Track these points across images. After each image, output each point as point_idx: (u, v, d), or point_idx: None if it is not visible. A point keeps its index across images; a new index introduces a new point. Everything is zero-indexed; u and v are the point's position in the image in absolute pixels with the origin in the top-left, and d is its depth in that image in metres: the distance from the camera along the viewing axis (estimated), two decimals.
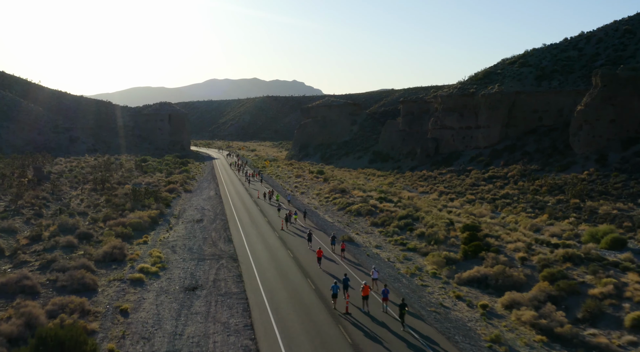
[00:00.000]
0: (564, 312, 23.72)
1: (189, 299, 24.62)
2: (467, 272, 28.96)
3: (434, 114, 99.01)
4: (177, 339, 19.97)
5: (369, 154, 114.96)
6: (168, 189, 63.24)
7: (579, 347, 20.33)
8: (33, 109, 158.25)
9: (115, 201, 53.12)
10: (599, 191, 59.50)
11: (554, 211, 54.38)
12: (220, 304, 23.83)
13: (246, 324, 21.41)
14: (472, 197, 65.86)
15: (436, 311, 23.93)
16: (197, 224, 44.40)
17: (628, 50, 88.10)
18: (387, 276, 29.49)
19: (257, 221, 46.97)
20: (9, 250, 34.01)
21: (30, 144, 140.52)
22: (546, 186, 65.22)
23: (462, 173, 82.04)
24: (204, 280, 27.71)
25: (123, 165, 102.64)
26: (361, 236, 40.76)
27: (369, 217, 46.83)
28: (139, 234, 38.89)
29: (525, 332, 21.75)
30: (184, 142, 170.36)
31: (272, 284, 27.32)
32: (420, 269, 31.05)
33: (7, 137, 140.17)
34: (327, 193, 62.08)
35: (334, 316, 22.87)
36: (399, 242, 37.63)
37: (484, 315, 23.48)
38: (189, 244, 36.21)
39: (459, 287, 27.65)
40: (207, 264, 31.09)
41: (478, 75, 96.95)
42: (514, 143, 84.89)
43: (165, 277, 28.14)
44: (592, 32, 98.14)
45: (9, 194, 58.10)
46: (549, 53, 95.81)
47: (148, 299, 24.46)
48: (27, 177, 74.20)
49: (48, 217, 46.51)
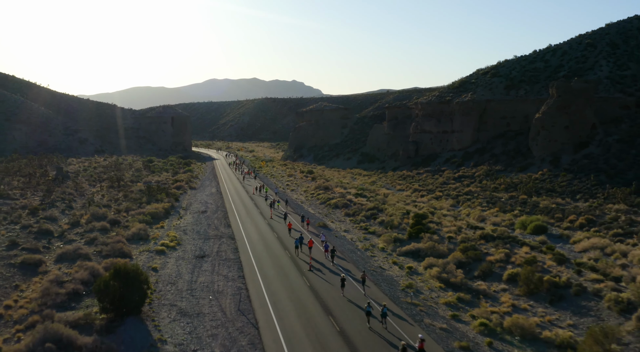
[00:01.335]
0: (466, 271, 33.49)
1: (199, 262, 34.42)
2: (406, 247, 38.77)
3: (415, 119, 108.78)
4: (193, 284, 29.75)
5: (358, 155, 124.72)
6: (175, 186, 73.00)
7: (465, 291, 30.07)
8: (44, 112, 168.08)
9: (133, 196, 62.94)
10: (547, 188, 69.23)
11: (504, 205, 64.10)
12: (222, 265, 33.64)
13: (240, 276, 31.26)
14: (440, 193, 75.58)
15: (374, 271, 33.74)
16: (202, 214, 54.18)
17: (588, 62, 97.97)
18: (347, 250, 39.29)
19: (250, 211, 56.79)
20: (57, 232, 43.75)
21: (42, 146, 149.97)
22: (504, 184, 75.01)
23: (437, 173, 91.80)
24: (210, 251, 37.51)
25: (132, 165, 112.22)
26: (335, 223, 50.57)
27: (344, 209, 56.64)
28: (156, 221, 48.68)
29: (432, 282, 31.54)
30: (185, 144, 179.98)
31: (259, 252, 37.40)
32: (373, 246, 40.87)
33: (20, 139, 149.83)
34: (313, 190, 71.87)
35: (293, 259, 35.18)
36: (363, 228, 47.44)
37: (407, 273, 33.28)
38: (197, 229, 46.02)
39: (397, 257, 37.43)
40: (211, 241, 40.90)
41: (454, 84, 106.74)
42: (484, 146, 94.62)
43: (181, 250, 37.94)
44: (558, 45, 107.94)
45: (40, 191, 67.96)
46: (518, 64, 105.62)
47: (170, 262, 34.24)
48: (50, 176, 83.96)
49: (79, 208, 56.18)
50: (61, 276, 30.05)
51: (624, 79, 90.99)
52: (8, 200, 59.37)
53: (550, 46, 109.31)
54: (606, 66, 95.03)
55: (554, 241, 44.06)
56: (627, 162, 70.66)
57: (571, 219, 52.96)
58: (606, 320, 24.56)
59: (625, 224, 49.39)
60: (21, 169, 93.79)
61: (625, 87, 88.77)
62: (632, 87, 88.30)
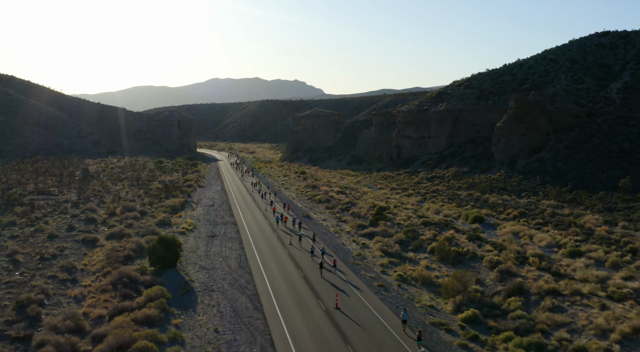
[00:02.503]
0: (403, 246, 46.44)
1: (211, 240, 47.53)
2: (365, 230, 51.83)
3: (398, 125, 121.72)
4: (207, 252, 42.84)
5: (348, 157, 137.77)
6: (187, 185, 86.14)
7: (397, 257, 43.02)
8: (59, 115, 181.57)
9: (152, 192, 76.10)
10: (500, 187, 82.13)
11: (461, 201, 77.00)
12: (227, 241, 46.77)
13: (240, 247, 44.45)
14: (412, 191, 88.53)
15: (337, 246, 46.83)
16: (210, 207, 67.31)
17: (549, 76, 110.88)
18: (321, 232, 52.36)
19: (249, 205, 69.98)
20: (100, 220, 56.83)
21: (59, 147, 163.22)
22: (466, 183, 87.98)
23: (414, 174, 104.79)
24: (218, 232, 50.64)
25: (144, 166, 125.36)
26: (316, 214, 63.69)
27: (325, 203, 69.74)
28: (175, 212, 61.80)
29: (376, 253, 44.59)
30: (191, 145, 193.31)
31: (254, 232, 50.81)
32: (342, 230, 53.98)
33: (38, 141, 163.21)
34: (303, 188, 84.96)
35: (275, 230, 49.12)
36: (337, 217, 60.53)
37: (360, 247, 46.36)
38: (207, 217, 59.17)
39: (357, 237, 50.52)
40: (219, 226, 54.05)
41: (432, 95, 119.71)
42: (456, 150, 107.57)
43: (197, 232, 51.06)
44: (524, 60, 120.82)
45: (72, 188, 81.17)
46: (489, 77, 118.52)
47: (190, 239, 47.36)
48: (77, 176, 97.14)
49: (110, 203, 69.26)
50: (116, 246, 43.14)
51: (578, 92, 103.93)
52: (51, 196, 72.58)
53: (518, 60, 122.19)
54: (564, 80, 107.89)
55: (486, 228, 56.82)
56: (570, 165, 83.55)
57: (508, 211, 65.67)
58: (480, 272, 37.53)
59: (548, 216, 62.22)
60: (49, 169, 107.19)
61: (579, 98, 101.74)
62: (585, 99, 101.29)
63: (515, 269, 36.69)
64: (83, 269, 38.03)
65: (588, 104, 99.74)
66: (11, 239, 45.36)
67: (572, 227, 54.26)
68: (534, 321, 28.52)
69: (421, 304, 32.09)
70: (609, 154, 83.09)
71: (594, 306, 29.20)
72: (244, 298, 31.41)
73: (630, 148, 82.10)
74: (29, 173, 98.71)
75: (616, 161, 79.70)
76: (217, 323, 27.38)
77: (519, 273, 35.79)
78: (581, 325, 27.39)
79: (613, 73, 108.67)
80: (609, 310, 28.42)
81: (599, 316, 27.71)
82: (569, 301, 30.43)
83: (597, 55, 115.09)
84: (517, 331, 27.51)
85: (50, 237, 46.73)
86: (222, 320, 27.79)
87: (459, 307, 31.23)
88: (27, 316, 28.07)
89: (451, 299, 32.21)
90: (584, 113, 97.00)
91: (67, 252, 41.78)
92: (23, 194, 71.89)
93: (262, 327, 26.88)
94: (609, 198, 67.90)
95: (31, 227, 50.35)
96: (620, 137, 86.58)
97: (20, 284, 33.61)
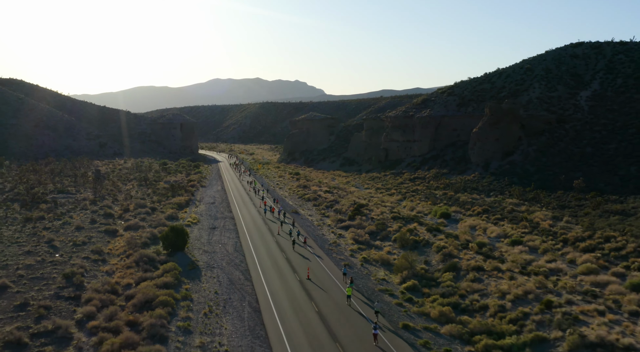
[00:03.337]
0: (373, 236, 55.48)
1: (213, 231, 56.68)
2: (343, 224, 60.95)
3: (386, 130, 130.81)
4: (209, 240, 52.02)
5: (341, 159, 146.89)
6: (190, 185, 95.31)
7: (365, 245, 52.08)
8: (67, 119, 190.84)
9: (160, 191, 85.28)
10: (472, 187, 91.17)
11: (436, 199, 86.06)
12: (226, 232, 55.95)
13: (236, 236, 53.68)
14: (394, 191, 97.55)
15: (317, 236, 55.97)
16: (212, 204, 76.45)
17: (525, 84, 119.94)
18: (305, 225, 61.42)
19: (246, 203, 79.19)
20: (116, 215, 65.95)
21: (68, 149, 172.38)
22: (444, 184, 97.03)
23: (398, 175, 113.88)
24: (218, 225, 59.81)
25: (150, 167, 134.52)
26: (304, 210, 72.84)
27: (313, 201, 78.88)
28: (181, 208, 70.95)
29: (349, 241, 53.68)
30: (193, 147, 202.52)
31: (248, 224, 59.96)
32: (324, 223, 63.10)
33: (49, 143, 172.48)
34: (295, 188, 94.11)
35: (267, 223, 57.72)
36: (322, 213, 69.66)
37: (337, 237, 55.48)
38: (209, 213, 68.33)
39: (336, 229, 59.58)
40: (219, 220, 63.20)
41: (418, 101, 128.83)
42: (438, 153, 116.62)
43: (200, 224, 60.22)
44: (503, 69, 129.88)
45: (87, 188, 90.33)
46: (470, 85, 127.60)
47: (195, 230, 56.53)
48: (90, 176, 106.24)
49: (123, 200, 78.34)
50: (134, 235, 52.27)
51: (551, 99, 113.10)
52: (69, 194, 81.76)
53: (498, 70, 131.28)
54: (538, 88, 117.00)
55: (451, 222, 65.83)
56: (537, 167, 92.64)
57: (474, 209, 74.58)
58: (429, 255, 46.59)
59: (506, 212, 71.15)
60: (62, 170, 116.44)
61: (551, 106, 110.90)
62: (556, 106, 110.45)
63: (456, 252, 45.80)
64: (109, 253, 47.18)
65: (559, 111, 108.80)
66: (45, 230, 54.51)
67: (523, 221, 63.35)
68: (458, 288, 37.60)
69: (376, 278, 41.20)
70: (572, 157, 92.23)
71: (505, 278, 38.27)
72: (237, 272, 40.60)
73: (592, 152, 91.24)
74: (45, 174, 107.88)
75: (578, 164, 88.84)
76: (216, 288, 36.54)
77: (458, 256, 44.89)
78: (490, 290, 36.47)
79: (584, 82, 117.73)
80: (515, 280, 37.48)
81: (504, 285, 36.78)
82: (488, 275, 39.53)
83: (570, 64, 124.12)
84: (442, 295, 36.57)
85: (77, 228, 55.91)
86: (221, 286, 36.96)
87: (404, 280, 40.30)
88: (73, 284, 37.16)
89: (399, 274, 41.29)
90: (555, 119, 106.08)
91: (94, 240, 50.99)
92: (45, 192, 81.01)
93: (250, 290, 36.04)
94: (565, 197, 77.05)
95: (59, 221, 59.52)
96: (584, 142, 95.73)
97: (61, 263, 42.75)
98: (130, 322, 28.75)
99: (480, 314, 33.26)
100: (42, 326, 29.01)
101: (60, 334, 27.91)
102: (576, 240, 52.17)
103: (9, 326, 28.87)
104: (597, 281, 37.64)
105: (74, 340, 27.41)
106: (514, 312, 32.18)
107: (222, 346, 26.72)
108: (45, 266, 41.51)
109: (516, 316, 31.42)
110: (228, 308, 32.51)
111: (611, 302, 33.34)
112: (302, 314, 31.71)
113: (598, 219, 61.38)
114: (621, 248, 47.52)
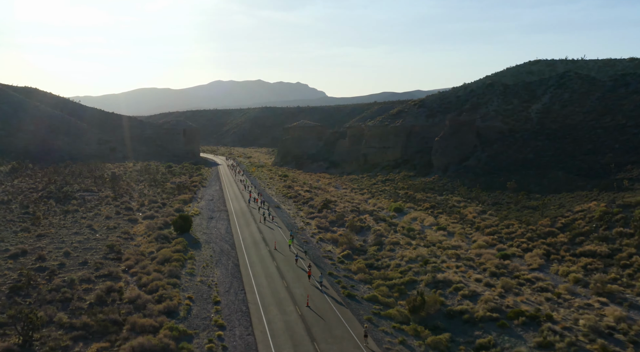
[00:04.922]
0: (332, 223, 72.75)
1: (210, 220, 74.21)
2: (312, 215, 78.29)
3: (365, 137, 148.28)
4: (208, 225, 69.58)
5: (327, 163, 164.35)
6: (193, 185, 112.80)
7: (324, 230, 69.38)
8: (81, 125, 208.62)
9: (167, 190, 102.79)
10: (429, 188, 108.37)
11: (397, 198, 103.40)
12: (220, 220, 73.54)
13: (228, 224, 71.30)
14: (365, 190, 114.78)
15: (290, 223, 73.40)
16: (210, 201, 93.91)
17: (485, 98, 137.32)
18: (283, 217, 78.80)
19: (239, 200, 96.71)
20: (135, 208, 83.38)
21: (81, 153, 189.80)
22: (407, 185, 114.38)
23: (373, 177, 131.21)
24: (215, 216, 77.33)
25: (157, 170, 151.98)
26: (285, 205, 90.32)
27: (294, 198, 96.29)
28: (185, 204, 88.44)
29: (314, 228, 71.04)
30: (195, 151, 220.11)
31: (238, 214, 77.46)
32: (298, 215, 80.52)
33: (65, 148, 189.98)
34: (281, 187, 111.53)
35: (249, 207, 74.98)
36: (299, 208, 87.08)
37: (305, 224, 72.91)
38: (208, 207, 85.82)
39: (306, 219, 76.90)
40: (216, 212, 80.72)
41: (393, 112, 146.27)
42: (409, 158, 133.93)
43: (201, 216, 77.73)
44: (468, 84, 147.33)
45: (107, 187, 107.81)
46: (439, 98, 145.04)
47: (196, 219, 74.06)
48: (106, 177, 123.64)
49: (138, 197, 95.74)
50: (151, 223, 69.64)
51: (506, 111, 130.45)
52: (93, 193, 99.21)
53: (464, 84, 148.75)
54: (496, 101, 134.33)
55: (400, 215, 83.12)
56: (485, 171, 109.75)
57: (425, 205, 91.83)
58: (367, 236, 63.89)
59: (448, 207, 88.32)
60: (82, 173, 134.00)
61: (506, 117, 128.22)
62: (510, 118, 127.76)
63: (387, 234, 63.15)
64: (134, 233, 64.64)
65: (512, 122, 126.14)
66: (82, 219, 72.01)
67: (454, 214, 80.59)
68: (376, 255, 54.96)
69: (324, 250, 58.63)
70: (515, 162, 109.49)
71: (410, 249, 55.62)
72: (226, 245, 58.15)
73: (532, 158, 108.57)
74: (67, 176, 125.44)
75: (518, 168, 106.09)
76: (211, 254, 54.08)
77: (386, 236, 62.24)
78: (396, 256, 53.79)
79: (536, 96, 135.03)
80: (416, 249, 54.83)
81: (407, 253, 54.09)
82: (400, 247, 56.88)
83: (527, 80, 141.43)
84: (365, 259, 53.88)
85: (106, 217, 73.42)
86: (214, 253, 54.50)
87: (343, 251, 57.63)
88: (114, 251, 54.55)
89: (341, 247, 58.64)
90: (507, 129, 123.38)
91: (121, 225, 68.52)
92: (73, 191, 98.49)
93: (234, 256, 53.59)
94: (500, 196, 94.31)
95: (91, 212, 77.01)
96: (528, 149, 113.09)
97: (101, 240, 60.18)
98: (156, 270, 46.15)
99: (385, 269, 50.63)
100: (101, 272, 46.42)
101: (114, 275, 45.35)
102: (485, 227, 69.48)
103: (79, 272, 46.30)
104: (480, 253, 54.94)
105: (122, 279, 44.81)
106: (404, 267, 49.56)
107: (214, 281, 44.24)
108: (91, 241, 59.01)
109: (404, 269, 48.80)
110: (218, 264, 50.06)
111: (477, 264, 50.66)
112: (264, 266, 49.45)
113: (514, 212, 78.63)
114: (513, 232, 64.74)
